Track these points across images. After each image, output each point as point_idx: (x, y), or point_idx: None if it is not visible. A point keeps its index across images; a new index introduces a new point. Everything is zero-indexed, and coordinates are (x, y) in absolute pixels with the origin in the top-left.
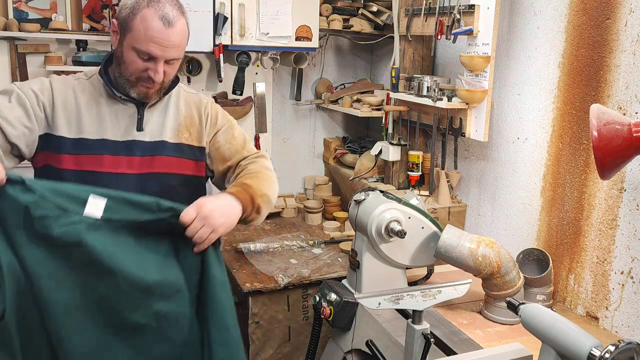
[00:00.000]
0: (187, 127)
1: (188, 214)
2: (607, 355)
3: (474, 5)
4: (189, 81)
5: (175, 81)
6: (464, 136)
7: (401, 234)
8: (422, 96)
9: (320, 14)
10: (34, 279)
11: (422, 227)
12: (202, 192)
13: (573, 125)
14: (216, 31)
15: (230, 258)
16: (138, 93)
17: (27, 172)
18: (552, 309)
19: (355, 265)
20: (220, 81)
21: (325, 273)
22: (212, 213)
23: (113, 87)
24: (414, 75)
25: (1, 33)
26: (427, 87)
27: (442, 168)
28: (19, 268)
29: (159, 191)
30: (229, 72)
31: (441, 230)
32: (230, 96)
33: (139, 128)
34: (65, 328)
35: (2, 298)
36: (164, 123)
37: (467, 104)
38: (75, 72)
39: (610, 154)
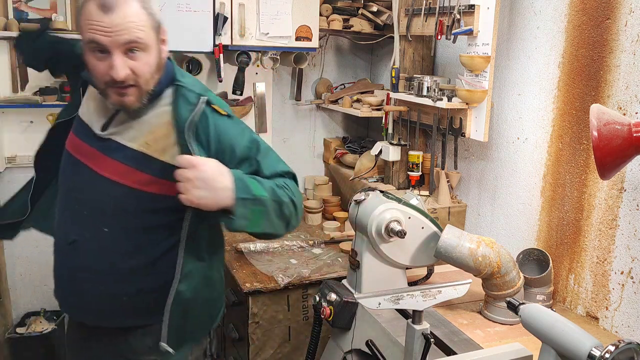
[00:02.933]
0: (153, 133)
1: (186, 159)
2: (607, 355)
3: (474, 5)
4: None
5: (167, 80)
6: (464, 136)
7: (401, 234)
8: (422, 96)
9: (320, 14)
10: None
11: (422, 227)
12: (160, 215)
13: (573, 125)
14: (216, 31)
15: (230, 258)
16: (113, 103)
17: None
18: (552, 309)
19: (355, 265)
20: (220, 81)
21: (325, 273)
22: (196, 179)
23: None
24: (414, 75)
25: (1, 33)
26: (427, 87)
27: (442, 168)
28: None
29: (97, 196)
30: (229, 72)
31: (441, 230)
32: (230, 96)
33: (103, 128)
34: None
35: None
36: (137, 124)
37: (467, 104)
38: None
39: (610, 154)
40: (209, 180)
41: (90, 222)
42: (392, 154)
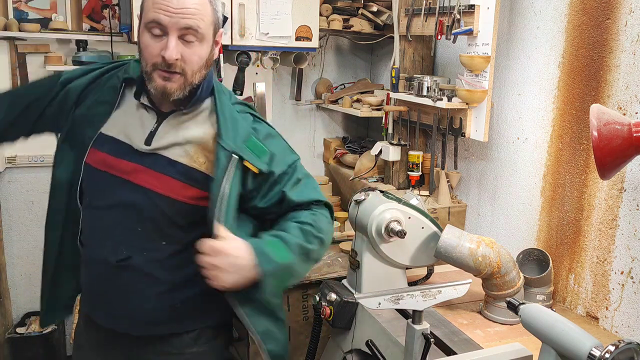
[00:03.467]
0: (204, 150)
1: (205, 245)
2: (607, 355)
3: (474, 5)
4: None
5: (209, 86)
6: (464, 136)
7: (401, 234)
8: (422, 96)
9: (320, 14)
10: None
11: (422, 227)
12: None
13: (573, 125)
14: None
15: None
16: (155, 87)
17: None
18: (552, 309)
19: (355, 265)
20: (220, 81)
21: (325, 273)
22: (224, 265)
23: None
24: (414, 75)
25: (1, 33)
26: (427, 87)
27: (442, 168)
28: None
29: (151, 211)
30: (229, 72)
31: (441, 230)
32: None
33: (147, 142)
34: None
35: None
36: (182, 138)
37: (467, 104)
38: None
39: (610, 154)
40: (235, 262)
41: (145, 238)
42: (392, 154)
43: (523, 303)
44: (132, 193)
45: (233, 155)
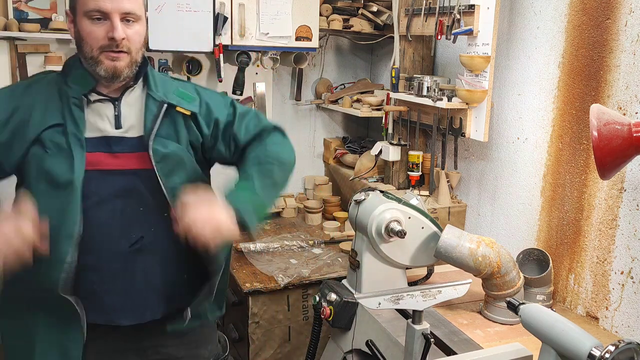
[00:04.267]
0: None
1: (181, 207)
2: (607, 355)
3: (474, 5)
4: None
5: (145, 63)
6: (464, 136)
7: (401, 234)
8: (422, 96)
9: (320, 14)
10: None
11: (422, 227)
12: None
13: (573, 125)
14: (216, 31)
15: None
16: (105, 68)
17: None
18: (552, 309)
19: (355, 265)
20: (221, 81)
21: (325, 273)
22: (205, 228)
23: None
24: (414, 75)
25: (1, 33)
26: (427, 87)
27: (442, 168)
28: None
29: (144, 189)
30: (229, 72)
31: (441, 230)
32: (231, 96)
33: (118, 125)
34: None
35: None
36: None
37: (467, 104)
38: None
39: (610, 154)
40: (209, 217)
41: (150, 214)
42: (392, 154)
43: (523, 303)
44: (124, 179)
45: (164, 104)
